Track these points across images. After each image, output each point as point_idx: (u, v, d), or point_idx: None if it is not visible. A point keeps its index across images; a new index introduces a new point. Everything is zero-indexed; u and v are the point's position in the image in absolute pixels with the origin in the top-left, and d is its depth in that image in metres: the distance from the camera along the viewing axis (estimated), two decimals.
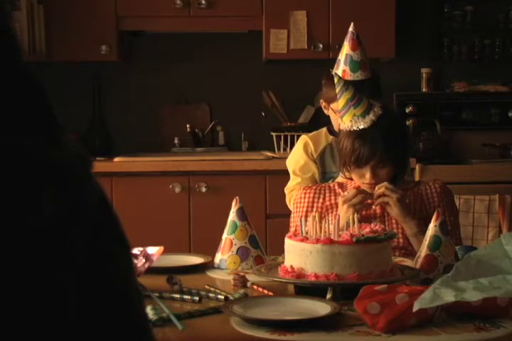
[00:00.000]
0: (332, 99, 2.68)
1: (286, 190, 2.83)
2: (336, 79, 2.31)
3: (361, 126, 2.23)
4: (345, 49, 2.66)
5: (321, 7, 3.99)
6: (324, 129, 2.88)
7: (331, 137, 2.81)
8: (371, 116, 2.23)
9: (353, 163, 2.26)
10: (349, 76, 2.64)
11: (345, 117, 2.26)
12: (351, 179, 2.36)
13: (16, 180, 0.74)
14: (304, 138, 2.85)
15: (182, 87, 4.35)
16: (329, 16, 4.00)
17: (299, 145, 2.85)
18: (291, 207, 2.79)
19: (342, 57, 2.67)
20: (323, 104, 2.79)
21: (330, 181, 2.68)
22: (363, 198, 2.21)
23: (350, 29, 2.67)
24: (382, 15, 3.98)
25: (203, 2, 3.96)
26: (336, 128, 2.79)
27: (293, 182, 2.81)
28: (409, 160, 2.72)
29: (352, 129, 2.25)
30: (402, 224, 2.25)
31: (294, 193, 2.77)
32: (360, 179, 2.29)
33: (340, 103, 2.28)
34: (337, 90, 2.29)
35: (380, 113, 2.24)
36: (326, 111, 2.80)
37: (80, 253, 0.78)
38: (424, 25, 4.34)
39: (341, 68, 2.65)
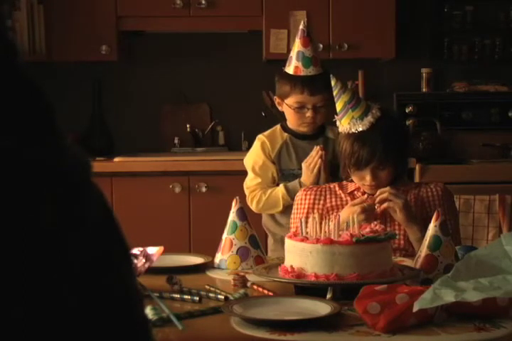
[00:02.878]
0: (286, 95, 2.74)
1: (246, 190, 2.78)
2: (333, 82, 2.31)
3: (360, 129, 2.23)
4: (297, 46, 2.73)
5: (321, 7, 3.99)
6: (278, 126, 2.88)
7: (285, 134, 2.82)
8: (369, 118, 2.23)
9: (352, 166, 2.26)
10: (301, 71, 2.70)
11: (343, 120, 2.26)
12: (351, 181, 2.37)
13: (15, 185, 0.74)
14: (260, 138, 2.84)
15: (182, 87, 4.35)
16: (329, 16, 4.00)
17: (256, 144, 2.84)
18: (252, 206, 2.73)
19: (294, 53, 2.74)
20: (276, 100, 2.82)
21: (292, 177, 2.70)
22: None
23: (301, 27, 2.74)
24: (382, 15, 3.98)
25: (203, 2, 3.96)
26: (290, 124, 2.81)
27: (253, 181, 2.77)
28: (409, 161, 2.73)
29: (351, 132, 2.25)
30: (405, 228, 2.25)
31: (256, 193, 2.74)
32: (361, 181, 2.30)
33: (338, 105, 2.29)
34: (334, 93, 2.29)
35: (379, 115, 2.25)
36: (280, 108, 2.84)
37: (80, 256, 0.78)
38: (424, 25, 4.33)
39: (293, 64, 2.72)
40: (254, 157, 2.82)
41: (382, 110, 2.27)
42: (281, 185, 2.69)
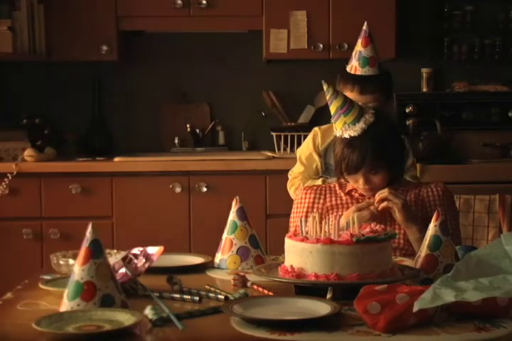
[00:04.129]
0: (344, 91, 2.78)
1: (289, 176, 2.96)
2: (325, 87, 2.30)
3: (352, 134, 2.23)
4: (358, 46, 2.83)
5: (321, 7, 3.99)
6: None
7: None
8: (361, 124, 2.23)
9: (344, 170, 2.27)
10: (358, 71, 2.79)
11: (336, 124, 2.27)
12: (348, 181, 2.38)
13: None
14: (315, 130, 2.98)
15: (182, 86, 4.35)
16: (329, 16, 4.00)
17: (309, 136, 2.98)
18: (291, 192, 2.89)
19: (354, 53, 2.84)
20: None
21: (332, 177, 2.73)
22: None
23: (364, 27, 2.85)
24: (382, 15, 3.97)
25: (203, 2, 3.96)
26: None
27: (297, 169, 2.94)
28: (407, 162, 2.76)
29: (343, 137, 2.25)
30: (405, 229, 2.25)
31: (296, 181, 2.90)
32: (355, 183, 2.31)
33: (331, 110, 2.29)
34: (327, 98, 2.28)
35: (372, 120, 2.24)
36: None
37: None
38: (424, 25, 4.33)
39: (352, 63, 2.83)
40: (304, 147, 2.97)
41: (377, 115, 2.26)
42: (320, 180, 2.81)
